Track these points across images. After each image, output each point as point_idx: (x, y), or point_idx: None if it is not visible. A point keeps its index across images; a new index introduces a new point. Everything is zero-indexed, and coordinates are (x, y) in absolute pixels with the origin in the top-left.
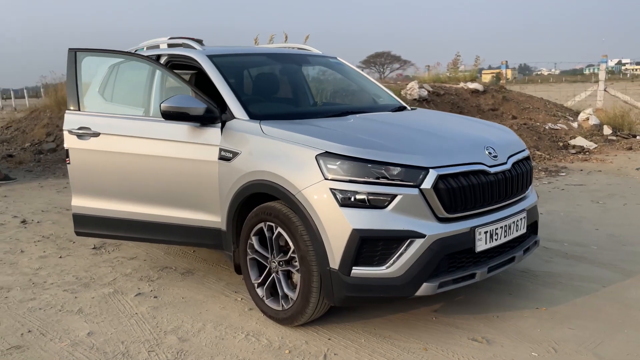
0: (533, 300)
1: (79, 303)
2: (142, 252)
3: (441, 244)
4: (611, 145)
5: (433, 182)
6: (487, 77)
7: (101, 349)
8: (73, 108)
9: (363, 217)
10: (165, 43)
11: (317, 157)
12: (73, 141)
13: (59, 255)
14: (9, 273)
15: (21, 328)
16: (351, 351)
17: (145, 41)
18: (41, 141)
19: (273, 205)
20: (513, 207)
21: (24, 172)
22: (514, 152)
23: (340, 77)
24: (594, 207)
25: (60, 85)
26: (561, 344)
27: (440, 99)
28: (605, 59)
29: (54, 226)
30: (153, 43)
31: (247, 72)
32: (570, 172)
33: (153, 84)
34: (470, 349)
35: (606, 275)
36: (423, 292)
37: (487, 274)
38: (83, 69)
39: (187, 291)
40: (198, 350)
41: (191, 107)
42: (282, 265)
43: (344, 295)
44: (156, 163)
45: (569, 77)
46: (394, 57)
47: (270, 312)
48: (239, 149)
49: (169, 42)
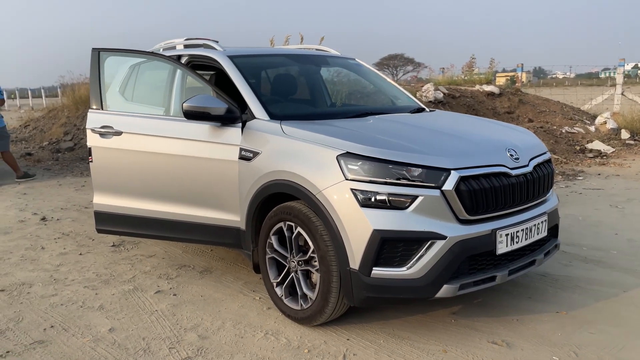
0: (553, 304)
1: (99, 299)
2: (161, 250)
3: (462, 245)
4: (629, 150)
5: (455, 184)
6: (502, 80)
7: (123, 345)
8: (96, 107)
9: (384, 218)
10: (181, 44)
11: (338, 157)
12: (95, 139)
13: (79, 252)
14: (30, 269)
15: (44, 323)
16: (370, 352)
17: (161, 42)
18: (59, 140)
19: (293, 205)
20: (534, 210)
21: (42, 170)
22: (536, 155)
23: (359, 78)
24: (613, 211)
25: (77, 85)
26: (583, 348)
27: (456, 101)
28: (623, 62)
29: (74, 224)
30: (170, 44)
31: (266, 73)
32: (587, 176)
33: (174, 83)
34: (491, 351)
35: (626, 280)
36: (443, 294)
37: (507, 276)
38: (105, 69)
39: (205, 289)
40: (218, 348)
41: (212, 107)
42: (302, 264)
43: (363, 296)
44: (177, 162)
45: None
46: (407, 59)
47: (289, 312)
48: (260, 149)
49: (185, 43)
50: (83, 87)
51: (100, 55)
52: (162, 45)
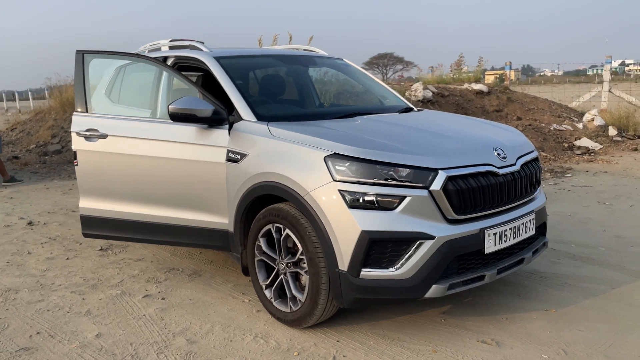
0: (542, 302)
1: (87, 305)
2: (149, 254)
3: (450, 245)
4: (617, 146)
5: (442, 184)
6: (490, 78)
7: (110, 350)
8: (81, 110)
9: (372, 219)
10: (166, 45)
11: (325, 158)
12: (81, 143)
13: (66, 256)
14: (16, 275)
15: (30, 330)
16: (360, 353)
17: (146, 44)
18: (46, 143)
19: (281, 206)
20: (522, 208)
21: (29, 173)
22: (523, 153)
23: (347, 79)
24: (601, 208)
25: (65, 87)
26: (571, 346)
27: (445, 100)
28: (610, 59)
29: (61, 228)
30: (155, 46)
31: (254, 74)
32: (576, 173)
33: (160, 85)
34: (480, 351)
35: (614, 277)
36: (432, 294)
37: (496, 275)
38: (90, 71)
39: (194, 293)
40: (207, 352)
41: (199, 109)
42: (290, 266)
43: (352, 297)
44: (164, 164)
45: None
46: (397, 58)
47: (279, 314)
48: (247, 151)
49: (170, 45)
50: (70, 89)
51: (85, 57)
52: (147, 47)
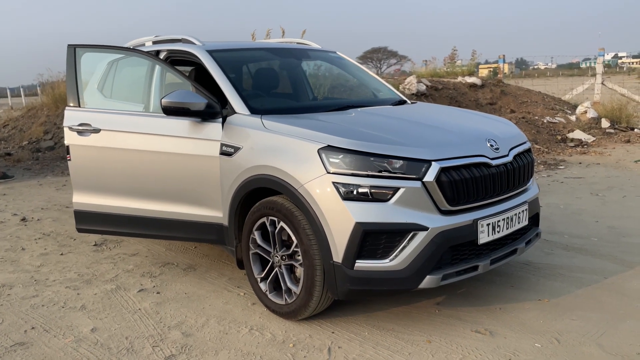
0: (535, 292)
1: (81, 299)
2: (144, 249)
3: (444, 236)
4: (609, 138)
5: (435, 175)
6: (484, 72)
7: (105, 344)
8: (73, 104)
9: (366, 211)
10: (159, 39)
11: (319, 150)
12: (73, 138)
13: (60, 252)
14: (10, 270)
15: (24, 325)
16: (355, 344)
17: (131, 41)
18: (39, 139)
19: (275, 199)
20: (515, 199)
21: (22, 170)
22: (516, 145)
23: (340, 72)
24: (594, 199)
25: (57, 83)
26: (564, 334)
27: (439, 93)
28: (603, 52)
29: (54, 223)
30: (138, 42)
31: (247, 67)
32: (569, 165)
33: (153, 79)
34: (474, 340)
35: (607, 267)
36: (426, 285)
37: (489, 266)
38: (82, 66)
39: (189, 286)
40: (202, 344)
41: (192, 103)
42: (285, 259)
43: (347, 289)
44: (157, 159)
45: (565, 71)
46: (390, 52)
47: (274, 307)
48: (241, 144)
49: (163, 39)
50: (62, 85)
51: (77, 51)
52: (131, 43)
